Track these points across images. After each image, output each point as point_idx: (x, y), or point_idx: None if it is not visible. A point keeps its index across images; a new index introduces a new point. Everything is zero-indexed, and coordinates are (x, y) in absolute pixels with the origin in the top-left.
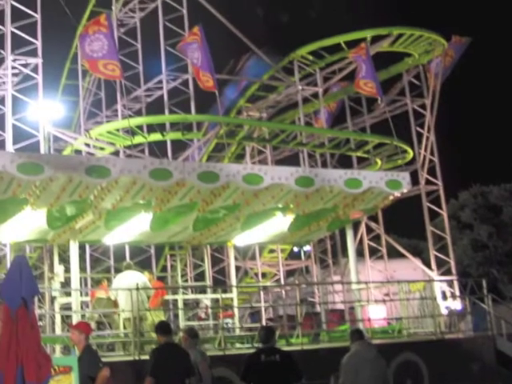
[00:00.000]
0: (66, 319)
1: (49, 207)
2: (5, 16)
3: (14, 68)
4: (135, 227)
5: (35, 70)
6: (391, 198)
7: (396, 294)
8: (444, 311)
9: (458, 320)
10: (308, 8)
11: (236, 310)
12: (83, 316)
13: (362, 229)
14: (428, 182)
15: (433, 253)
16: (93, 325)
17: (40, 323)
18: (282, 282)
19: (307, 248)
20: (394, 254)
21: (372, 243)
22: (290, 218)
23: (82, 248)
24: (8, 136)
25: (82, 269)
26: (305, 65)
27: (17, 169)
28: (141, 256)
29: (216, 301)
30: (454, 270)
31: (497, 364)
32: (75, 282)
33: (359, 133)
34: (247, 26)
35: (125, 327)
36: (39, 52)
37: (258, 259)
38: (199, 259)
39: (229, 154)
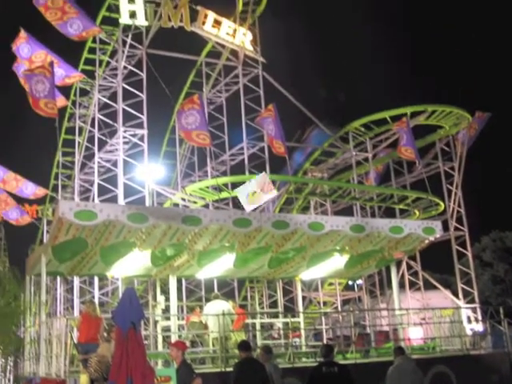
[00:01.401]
0: (166, 339)
1: (152, 249)
2: (117, 96)
3: (124, 138)
4: (222, 265)
5: (142, 139)
6: (427, 241)
7: (430, 318)
8: (469, 332)
9: (480, 339)
10: (360, 89)
11: (302, 332)
12: (180, 336)
13: (404, 266)
14: (456, 229)
15: (460, 285)
16: (188, 343)
17: (145, 342)
18: (339, 308)
19: (359, 281)
20: (428, 286)
21: (411, 278)
22: (345, 257)
23: (179, 281)
24: (120, 192)
25: (179, 298)
26: (358, 135)
27: (127, 218)
28: (226, 288)
29: (286, 324)
30: (477, 300)
31: None
32: (173, 309)
33: (401, 189)
34: (311, 103)
35: (213, 345)
36: (145, 124)
37: (320, 290)
38: (273, 290)
39: (296, 206)
